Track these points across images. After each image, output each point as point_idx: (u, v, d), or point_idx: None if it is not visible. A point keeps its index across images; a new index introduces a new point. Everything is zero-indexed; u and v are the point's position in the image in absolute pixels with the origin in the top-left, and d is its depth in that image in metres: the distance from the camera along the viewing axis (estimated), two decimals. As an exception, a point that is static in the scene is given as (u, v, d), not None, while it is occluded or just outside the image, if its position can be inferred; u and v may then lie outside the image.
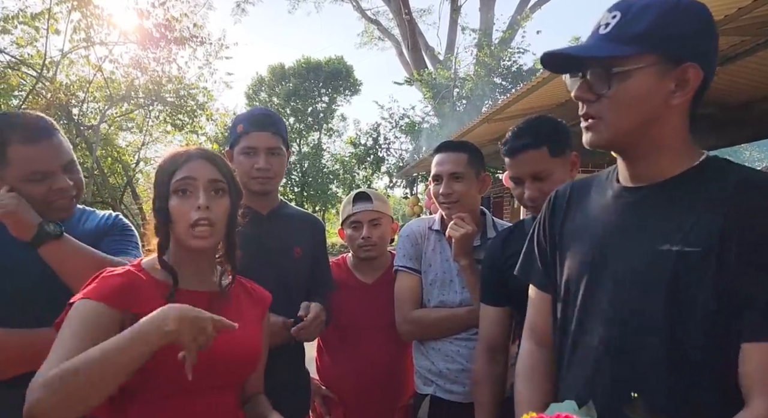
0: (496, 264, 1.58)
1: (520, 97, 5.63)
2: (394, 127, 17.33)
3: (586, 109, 0.96)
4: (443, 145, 1.87)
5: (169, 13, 9.68)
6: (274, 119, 1.77)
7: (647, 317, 0.89)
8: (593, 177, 1.12)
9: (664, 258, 0.88)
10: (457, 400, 1.78)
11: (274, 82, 22.49)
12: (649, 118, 0.91)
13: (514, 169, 1.54)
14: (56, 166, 1.36)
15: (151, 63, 10.37)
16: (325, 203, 21.65)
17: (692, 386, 0.85)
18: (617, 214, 0.99)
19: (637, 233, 0.94)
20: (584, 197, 1.09)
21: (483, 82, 14.80)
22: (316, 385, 2.03)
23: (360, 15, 21.77)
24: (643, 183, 0.97)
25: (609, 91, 0.91)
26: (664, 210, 0.92)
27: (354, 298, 1.97)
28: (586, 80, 0.94)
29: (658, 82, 0.89)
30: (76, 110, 10.15)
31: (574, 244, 1.06)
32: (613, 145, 0.97)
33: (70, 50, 9.60)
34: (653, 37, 0.88)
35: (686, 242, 0.86)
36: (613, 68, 0.89)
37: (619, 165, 1.02)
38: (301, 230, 1.84)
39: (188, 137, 12.68)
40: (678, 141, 0.94)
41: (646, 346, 0.89)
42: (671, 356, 0.87)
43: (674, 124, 0.93)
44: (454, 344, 1.80)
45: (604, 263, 0.97)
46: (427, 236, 1.90)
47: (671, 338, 0.86)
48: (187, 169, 1.16)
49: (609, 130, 0.93)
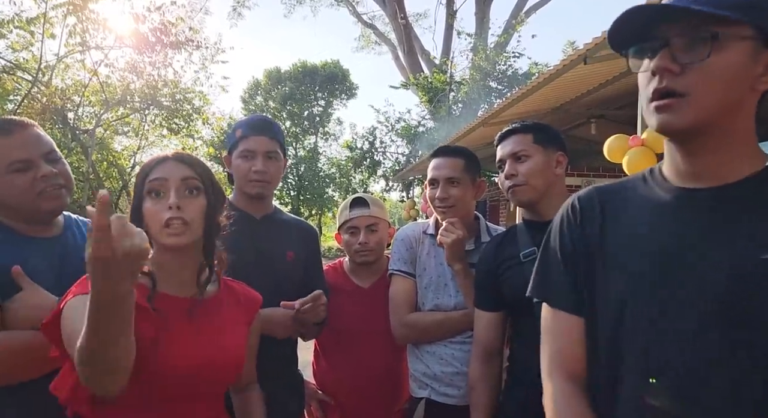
0: (490, 269, 1.59)
1: (516, 101, 5.65)
2: (390, 131, 17.38)
3: (667, 83, 0.79)
4: (440, 150, 1.89)
5: (165, 18, 9.69)
6: (272, 125, 1.81)
7: (743, 342, 0.74)
8: (625, 181, 0.98)
9: (765, 268, 0.74)
10: (452, 403, 1.78)
11: (270, 86, 22.51)
12: (734, 103, 0.79)
13: (499, 154, 1.61)
14: (35, 155, 1.35)
15: (147, 67, 10.37)
16: (321, 207, 21.62)
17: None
18: (689, 219, 0.83)
19: (719, 242, 0.79)
20: (626, 203, 0.93)
21: (478, 86, 14.85)
22: (313, 389, 2.03)
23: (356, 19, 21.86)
24: (703, 183, 0.83)
25: (704, 60, 0.76)
26: (749, 214, 0.79)
27: (351, 302, 1.97)
28: (669, 49, 0.79)
29: (752, 60, 0.78)
30: (71, 114, 10.14)
31: (628, 256, 0.88)
32: (696, 129, 0.80)
33: (66, 54, 9.59)
34: (755, 8, 0.76)
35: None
36: (712, 31, 0.76)
37: (673, 161, 0.87)
38: (294, 235, 1.85)
39: (184, 141, 12.68)
40: (748, 137, 0.83)
41: (745, 383, 0.73)
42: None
43: (749, 116, 0.82)
44: (449, 347, 1.81)
45: (676, 277, 0.81)
46: (422, 240, 1.91)
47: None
48: (159, 170, 1.17)
49: (695, 109, 0.78)
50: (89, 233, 0.78)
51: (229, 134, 1.85)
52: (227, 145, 1.83)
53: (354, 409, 1.96)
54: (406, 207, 13.82)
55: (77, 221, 1.55)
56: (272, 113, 21.84)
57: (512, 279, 1.52)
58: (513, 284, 1.51)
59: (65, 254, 1.40)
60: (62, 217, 1.49)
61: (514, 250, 1.56)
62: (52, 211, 1.39)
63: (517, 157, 1.56)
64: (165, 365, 1.08)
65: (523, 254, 1.52)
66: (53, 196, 1.37)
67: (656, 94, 0.81)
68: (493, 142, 1.67)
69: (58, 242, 1.42)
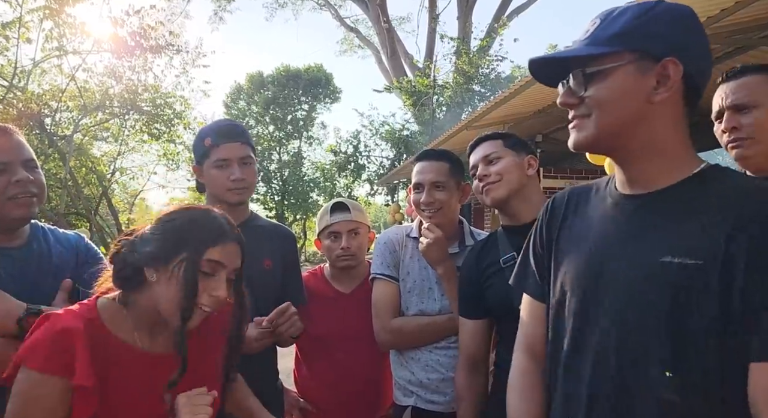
0: (472, 277, 1.58)
1: (499, 104, 5.68)
2: (375, 135, 17.39)
3: (573, 113, 0.95)
4: (424, 154, 1.86)
5: (144, 22, 9.58)
6: (241, 129, 1.77)
7: (646, 333, 0.85)
8: (593, 183, 1.09)
9: (665, 270, 0.84)
10: (439, 410, 1.75)
11: (252, 90, 22.31)
12: (633, 117, 0.90)
13: (472, 161, 1.64)
14: (14, 160, 1.34)
15: (126, 72, 10.26)
16: (306, 211, 21.51)
17: (692, 405, 0.81)
18: (615, 222, 0.95)
19: (636, 243, 0.90)
20: (583, 204, 1.05)
21: (462, 89, 14.93)
22: (294, 397, 1.99)
23: (339, 23, 21.87)
24: (639, 190, 0.94)
25: (588, 91, 0.91)
26: (664, 220, 0.89)
27: (332, 308, 1.94)
28: (569, 86, 0.94)
29: (639, 79, 0.89)
30: (48, 120, 9.97)
31: (570, 252, 1.02)
32: (600, 145, 0.94)
33: (43, 59, 9.45)
34: (629, 36, 0.89)
35: (688, 254, 0.82)
36: (589, 69, 0.90)
37: (615, 169, 1.00)
38: (272, 242, 1.81)
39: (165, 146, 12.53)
40: (672, 145, 0.92)
41: (644, 361, 0.85)
42: (671, 369, 0.82)
43: (664, 126, 0.91)
44: (434, 353, 1.78)
45: (602, 273, 0.93)
46: (405, 243, 1.88)
47: (671, 355, 0.82)
48: (221, 252, 1.14)
49: (594, 127, 0.92)
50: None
51: (196, 143, 1.77)
52: (196, 154, 1.75)
53: (335, 416, 1.93)
54: (391, 211, 13.82)
55: (45, 229, 1.51)
56: (255, 118, 21.72)
57: (495, 286, 1.51)
58: (496, 291, 1.50)
59: (26, 266, 1.38)
60: (29, 226, 1.46)
61: (495, 256, 1.56)
62: (20, 218, 1.37)
63: (489, 160, 1.59)
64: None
65: (503, 260, 1.52)
66: (23, 203, 1.35)
67: (570, 121, 0.96)
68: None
69: (21, 252, 1.40)
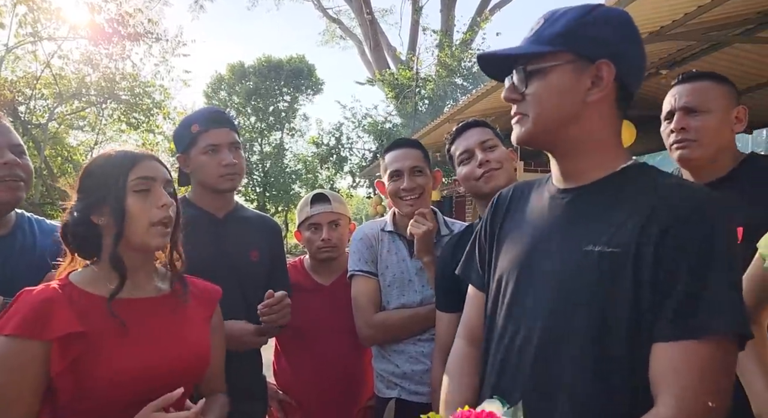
0: (447, 271, 1.58)
1: (481, 97, 5.71)
2: (357, 127, 17.31)
3: (515, 109, 1.00)
4: (397, 142, 1.88)
5: (122, 8, 9.38)
6: (228, 116, 1.76)
7: (570, 318, 0.90)
8: (536, 179, 1.14)
9: (588, 259, 0.89)
10: (423, 401, 1.75)
11: (234, 81, 22.00)
12: (568, 115, 0.94)
13: (463, 145, 1.62)
14: (2, 143, 1.34)
15: (104, 59, 10.05)
16: (287, 203, 21.36)
17: (611, 388, 0.86)
18: (548, 215, 1.01)
19: (564, 234, 0.96)
20: (524, 198, 1.11)
21: (444, 82, 14.95)
22: (274, 389, 1.98)
23: (321, 13, 21.66)
24: (572, 184, 0.99)
25: (529, 88, 0.95)
26: (590, 212, 0.94)
27: (311, 300, 1.93)
28: (512, 82, 0.98)
29: (575, 79, 0.93)
30: (22, 108, 9.73)
31: (508, 244, 1.07)
32: (537, 140, 0.99)
33: (16, 45, 9.20)
34: (567, 37, 0.92)
35: (609, 244, 0.88)
36: (530, 67, 0.94)
37: (552, 164, 1.04)
38: (258, 233, 1.80)
39: (144, 136, 12.32)
40: (603, 142, 0.97)
41: (567, 347, 0.90)
42: (591, 357, 0.87)
43: (596, 124, 0.95)
44: (418, 345, 1.79)
45: (532, 263, 0.99)
46: (380, 237, 1.88)
47: (592, 340, 0.87)
48: (144, 168, 1.15)
49: (532, 125, 0.96)
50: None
51: (179, 132, 1.73)
52: (180, 143, 1.72)
53: (316, 409, 1.93)
54: (373, 203, 13.82)
55: (30, 219, 1.49)
56: (236, 108, 21.43)
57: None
58: None
59: (10, 255, 1.36)
60: (14, 214, 1.44)
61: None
62: (6, 202, 1.36)
63: (488, 146, 1.59)
64: (117, 369, 1.06)
65: None
66: (11, 187, 1.35)
67: (512, 116, 1.01)
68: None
69: (4, 242, 1.38)
